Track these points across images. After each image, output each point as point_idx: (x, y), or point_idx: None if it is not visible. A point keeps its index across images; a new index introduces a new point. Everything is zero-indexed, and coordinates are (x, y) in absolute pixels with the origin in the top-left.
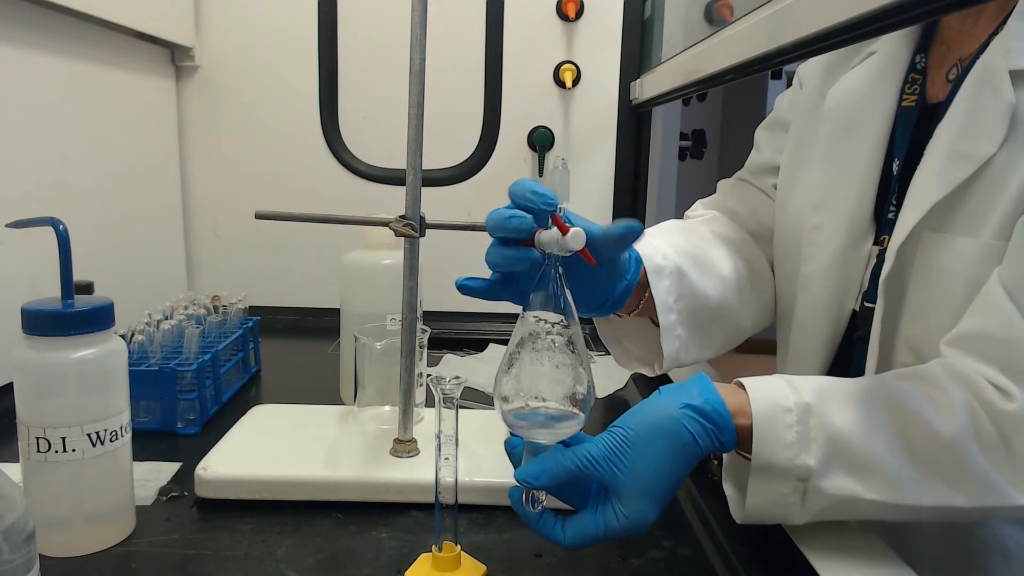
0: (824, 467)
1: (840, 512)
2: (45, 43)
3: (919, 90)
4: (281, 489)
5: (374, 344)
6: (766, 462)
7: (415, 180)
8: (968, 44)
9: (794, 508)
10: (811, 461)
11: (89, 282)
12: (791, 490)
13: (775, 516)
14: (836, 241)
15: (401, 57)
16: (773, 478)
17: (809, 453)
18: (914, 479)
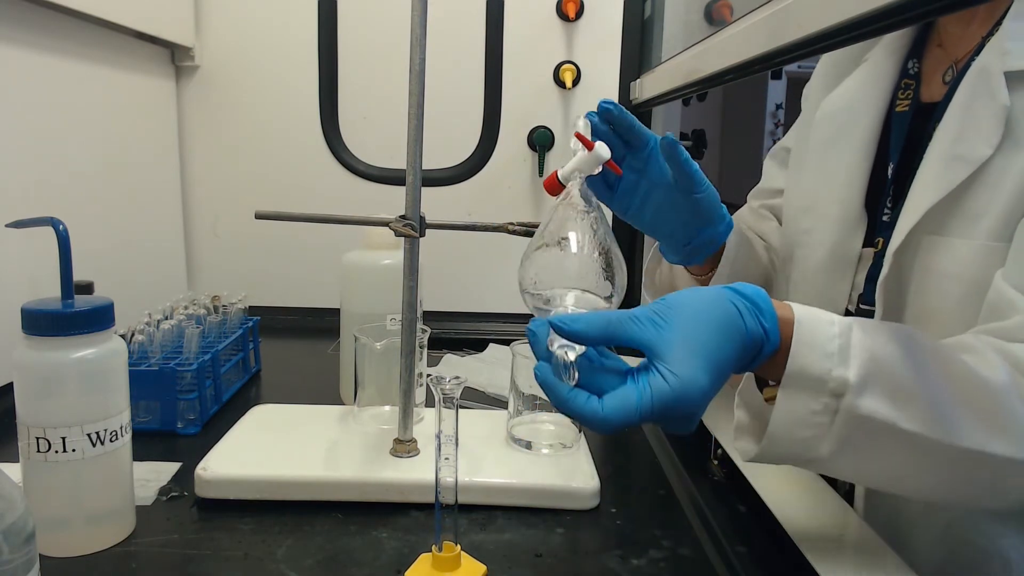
0: (862, 385)
1: (868, 446)
2: (45, 43)
3: (912, 94)
4: (281, 489)
5: (374, 344)
6: (800, 369)
7: (415, 180)
8: (963, 46)
9: (821, 431)
10: (850, 375)
11: (89, 282)
12: (822, 408)
13: (798, 441)
14: (826, 243)
15: (401, 57)
16: (805, 390)
17: (848, 367)
18: (955, 417)
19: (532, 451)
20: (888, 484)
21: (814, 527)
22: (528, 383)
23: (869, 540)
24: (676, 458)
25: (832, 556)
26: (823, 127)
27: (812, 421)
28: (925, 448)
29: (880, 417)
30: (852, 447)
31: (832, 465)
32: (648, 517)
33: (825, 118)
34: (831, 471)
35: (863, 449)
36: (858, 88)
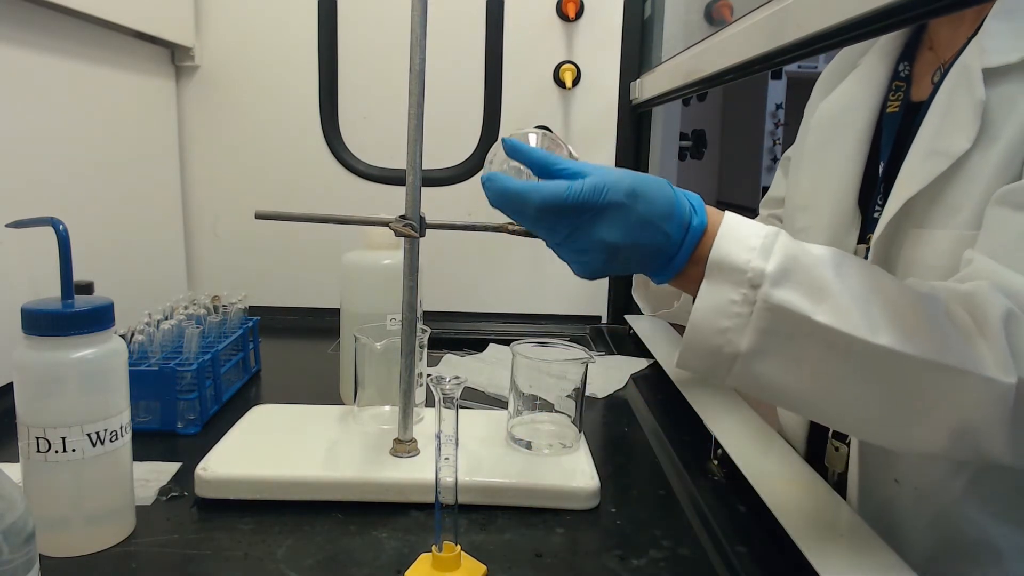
0: (779, 277)
1: (784, 343)
2: (45, 43)
3: (903, 96)
4: (281, 489)
5: (374, 344)
6: (722, 258)
7: (415, 180)
8: (952, 48)
9: (740, 323)
10: (767, 267)
11: (89, 282)
12: (741, 299)
13: (718, 332)
14: (821, 240)
15: (401, 57)
16: (725, 280)
17: (767, 260)
18: (869, 316)
19: (532, 451)
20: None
21: (814, 527)
22: (528, 383)
23: (870, 540)
24: (676, 458)
25: (832, 556)
26: (818, 130)
27: (731, 311)
28: (839, 345)
29: (794, 308)
30: (770, 343)
31: (752, 366)
32: (648, 517)
33: (820, 121)
34: (753, 379)
35: (780, 346)
36: (851, 91)
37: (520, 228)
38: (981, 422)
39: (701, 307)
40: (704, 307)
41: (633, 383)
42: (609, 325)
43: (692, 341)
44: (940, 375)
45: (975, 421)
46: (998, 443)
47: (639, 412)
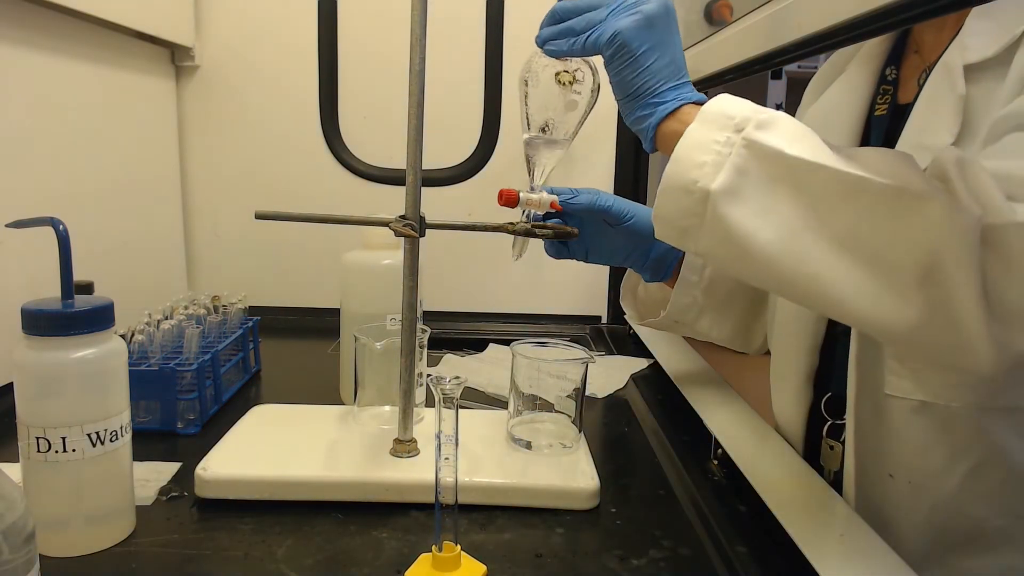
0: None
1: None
2: (45, 43)
3: (890, 99)
4: (281, 489)
5: (374, 344)
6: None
7: (415, 180)
8: (936, 50)
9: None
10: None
11: (89, 282)
12: (724, 140)
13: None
14: None
15: (401, 57)
16: (711, 125)
17: (758, 113)
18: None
19: (532, 451)
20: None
21: (814, 527)
22: (528, 383)
23: (869, 540)
24: (676, 458)
25: (832, 556)
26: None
27: (712, 148)
28: (809, 183)
29: (770, 144)
30: (743, 183)
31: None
32: (648, 517)
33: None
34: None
35: (753, 189)
36: (839, 96)
37: (520, 228)
38: (948, 260)
39: (684, 143)
40: (687, 143)
41: (633, 383)
42: (609, 325)
43: (669, 175)
44: (907, 202)
45: (942, 259)
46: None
47: (639, 412)
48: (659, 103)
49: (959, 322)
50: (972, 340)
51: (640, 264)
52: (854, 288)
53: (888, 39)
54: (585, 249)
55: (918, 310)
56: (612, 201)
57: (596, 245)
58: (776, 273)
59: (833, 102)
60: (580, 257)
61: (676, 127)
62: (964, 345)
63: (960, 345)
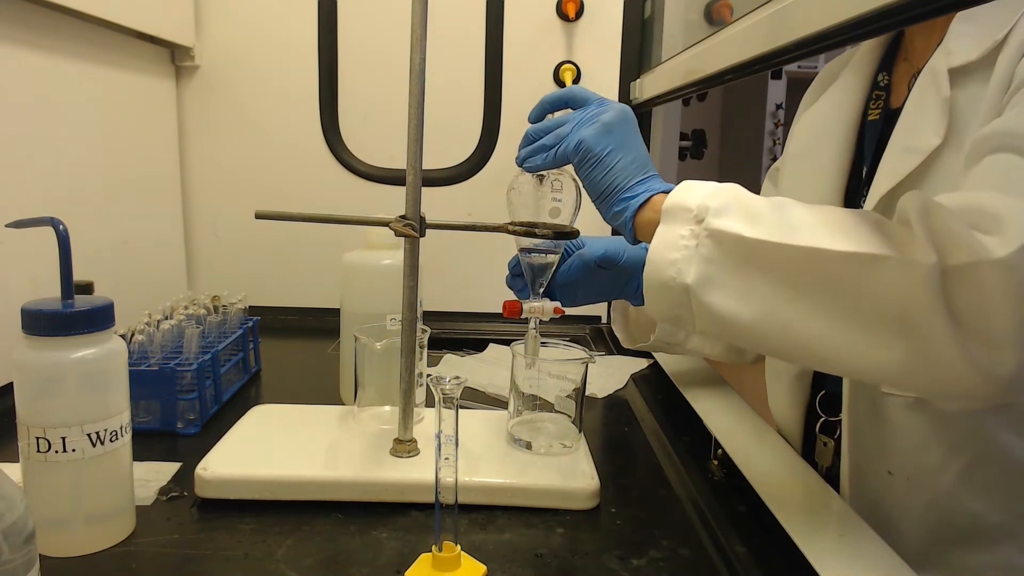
0: (721, 210)
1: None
2: (45, 43)
3: (883, 104)
4: (281, 489)
5: (374, 344)
6: (675, 203)
7: (415, 180)
8: (925, 56)
9: (688, 253)
10: (712, 204)
11: (89, 282)
12: (689, 233)
13: (669, 263)
14: None
15: (401, 57)
16: (675, 220)
17: (713, 200)
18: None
19: (532, 451)
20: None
21: (814, 527)
22: (528, 383)
23: (869, 540)
24: (676, 458)
25: (832, 556)
26: (801, 138)
27: (679, 244)
28: (772, 259)
29: (730, 230)
30: (714, 270)
31: (705, 298)
32: (648, 517)
33: (801, 130)
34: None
35: (725, 273)
36: (833, 101)
37: (520, 228)
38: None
39: (655, 244)
40: (657, 244)
41: (633, 383)
42: (609, 325)
43: (648, 276)
44: (863, 265)
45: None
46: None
47: (639, 412)
48: (630, 197)
49: (942, 360)
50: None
51: (629, 295)
52: (839, 346)
53: (880, 46)
54: (574, 295)
55: (901, 355)
56: (603, 248)
57: (585, 290)
58: (767, 343)
59: (827, 108)
60: (568, 304)
61: (651, 216)
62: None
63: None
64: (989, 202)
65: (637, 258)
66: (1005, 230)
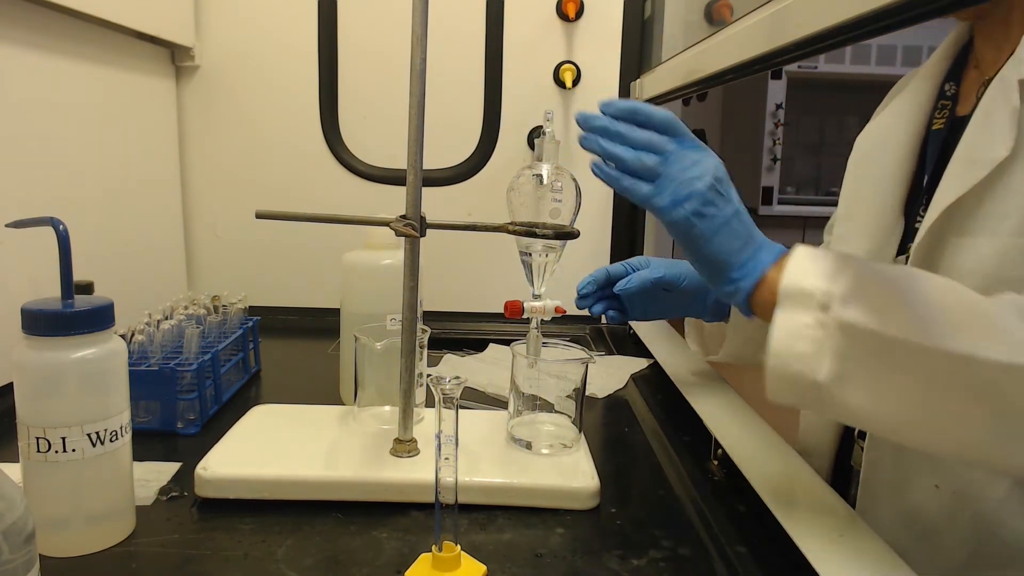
0: (847, 297)
1: (865, 365)
2: (45, 43)
3: (948, 113)
4: (281, 489)
5: (374, 344)
6: (793, 285)
7: (416, 180)
8: (996, 66)
9: (817, 346)
10: (835, 289)
11: (89, 282)
12: (814, 321)
13: (797, 356)
14: (862, 247)
15: (401, 57)
16: (796, 306)
17: (835, 283)
18: (942, 323)
19: (532, 451)
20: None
21: (814, 527)
22: (528, 383)
23: (869, 540)
24: (676, 458)
25: (832, 556)
26: (862, 145)
27: (805, 334)
28: (914, 356)
29: (864, 325)
30: (849, 367)
31: (839, 394)
32: (648, 517)
33: (865, 137)
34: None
35: (861, 369)
36: (898, 110)
37: (520, 228)
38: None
39: (777, 333)
40: (780, 333)
41: (633, 383)
42: (609, 325)
43: (774, 368)
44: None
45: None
46: None
47: (639, 412)
48: (739, 278)
49: None
50: None
51: (699, 313)
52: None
53: (949, 56)
54: (644, 314)
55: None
56: (662, 271)
57: (653, 310)
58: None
59: (893, 117)
60: (639, 318)
61: (767, 297)
62: None
63: None
64: None
65: (699, 281)
66: None
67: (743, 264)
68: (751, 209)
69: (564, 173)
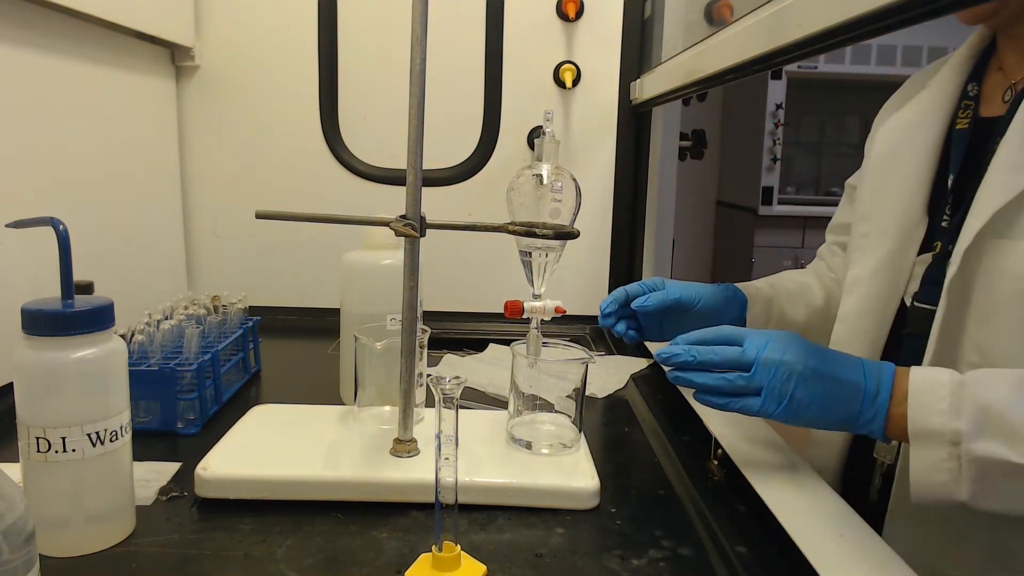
0: (974, 432)
1: (999, 486)
2: (45, 43)
3: (972, 114)
4: (281, 489)
5: (374, 344)
6: (921, 428)
7: (416, 180)
8: (1021, 70)
9: (953, 475)
10: (961, 426)
11: (89, 282)
12: (947, 455)
13: (937, 485)
14: (884, 247)
15: (401, 57)
16: (928, 444)
17: (960, 419)
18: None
19: (532, 451)
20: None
21: (814, 527)
22: (528, 383)
23: (869, 540)
24: (676, 458)
25: (832, 556)
26: (884, 142)
27: (943, 467)
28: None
29: (996, 456)
30: (985, 488)
31: (979, 504)
32: (648, 517)
33: (886, 134)
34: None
35: (995, 489)
36: (920, 108)
37: (520, 228)
38: None
39: (916, 470)
40: (918, 470)
41: (633, 383)
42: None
43: (917, 496)
44: None
45: None
46: None
47: (639, 412)
48: (866, 423)
49: None
50: None
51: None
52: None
53: (971, 56)
54: (660, 334)
55: None
56: (679, 293)
57: (669, 329)
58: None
59: (914, 116)
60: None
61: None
62: None
63: None
64: None
65: (713, 304)
66: None
67: (861, 417)
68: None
69: (564, 173)
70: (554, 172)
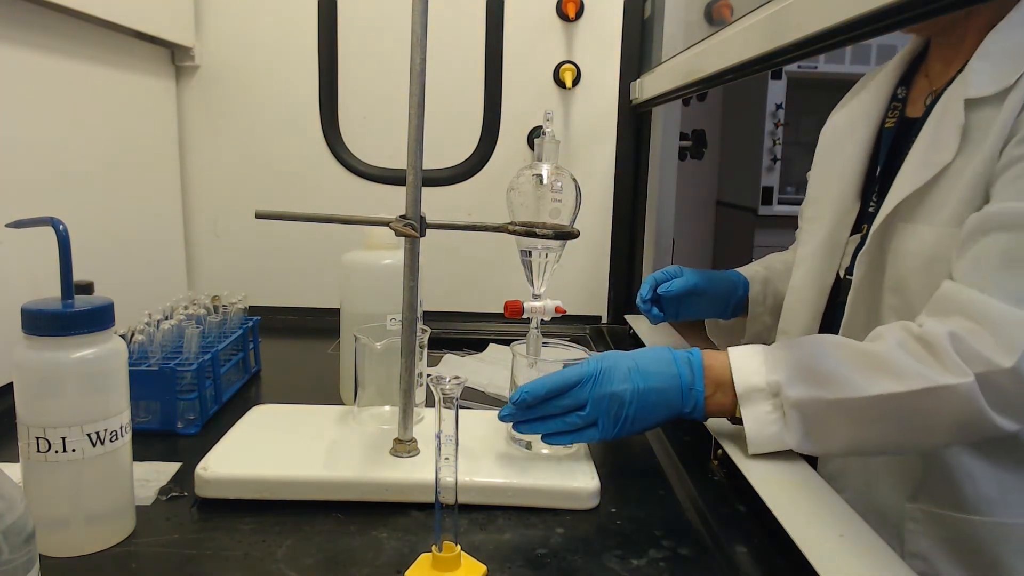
0: (790, 380)
1: (819, 425)
2: (45, 43)
3: (899, 114)
4: (281, 489)
5: (374, 344)
6: (744, 388)
7: (415, 180)
8: (943, 78)
9: (780, 424)
10: (778, 377)
11: (89, 282)
12: (771, 407)
13: (769, 436)
14: (825, 228)
15: (401, 57)
16: (754, 401)
17: (776, 373)
18: (859, 379)
19: (532, 451)
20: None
21: (814, 527)
22: None
23: (869, 540)
24: (676, 458)
25: (832, 556)
26: (828, 137)
27: (770, 419)
28: (853, 408)
29: (810, 397)
30: (810, 429)
31: (808, 449)
32: (648, 517)
33: (830, 130)
34: (810, 452)
35: (818, 427)
36: (859, 108)
37: (520, 228)
38: (968, 416)
39: (750, 428)
40: (751, 426)
41: None
42: (609, 325)
43: (755, 449)
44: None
45: (963, 417)
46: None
47: None
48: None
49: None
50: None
51: (720, 314)
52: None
53: (903, 63)
54: (676, 315)
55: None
56: (696, 280)
57: (684, 311)
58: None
59: (852, 115)
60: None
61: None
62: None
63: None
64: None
65: (718, 289)
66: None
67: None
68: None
69: (564, 173)
70: (554, 172)
